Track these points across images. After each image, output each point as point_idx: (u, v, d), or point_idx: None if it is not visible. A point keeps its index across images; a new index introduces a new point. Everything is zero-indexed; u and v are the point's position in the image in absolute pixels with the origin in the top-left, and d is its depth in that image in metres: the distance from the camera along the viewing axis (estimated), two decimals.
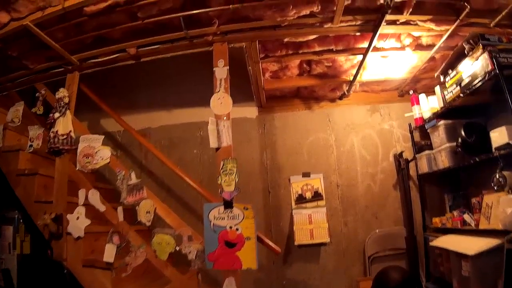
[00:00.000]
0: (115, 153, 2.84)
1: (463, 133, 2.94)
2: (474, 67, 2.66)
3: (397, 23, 2.70)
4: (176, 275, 2.56)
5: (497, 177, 2.54)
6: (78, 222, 2.67)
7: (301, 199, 3.68)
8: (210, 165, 3.85)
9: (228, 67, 2.60)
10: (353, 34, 2.87)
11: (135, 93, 4.20)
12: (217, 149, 2.44)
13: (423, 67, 3.37)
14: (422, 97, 3.57)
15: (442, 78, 3.13)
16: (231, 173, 2.34)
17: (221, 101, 2.51)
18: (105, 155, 2.78)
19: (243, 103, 3.98)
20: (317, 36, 2.88)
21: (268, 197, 3.84)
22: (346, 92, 3.80)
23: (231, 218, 2.29)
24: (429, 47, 3.07)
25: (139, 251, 2.56)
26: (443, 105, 3.17)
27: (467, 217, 2.92)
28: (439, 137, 3.29)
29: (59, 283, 2.58)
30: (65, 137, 2.83)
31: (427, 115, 3.48)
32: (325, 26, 2.65)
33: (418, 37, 3.04)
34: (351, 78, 3.48)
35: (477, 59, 2.61)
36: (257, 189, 3.85)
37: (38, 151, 3.02)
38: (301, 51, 3.08)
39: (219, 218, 2.30)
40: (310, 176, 3.76)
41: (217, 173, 2.40)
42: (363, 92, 4.07)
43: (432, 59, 3.25)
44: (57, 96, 2.93)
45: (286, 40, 2.90)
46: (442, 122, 3.22)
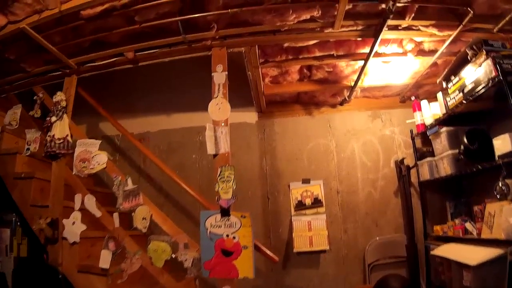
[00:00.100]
0: (111, 158, 2.81)
1: (465, 140, 2.90)
2: (477, 73, 2.62)
3: (399, 28, 2.67)
4: (171, 282, 2.53)
5: (500, 185, 2.50)
6: (74, 227, 2.64)
7: (300, 206, 3.63)
8: (209, 170, 3.81)
9: (226, 72, 2.57)
10: (354, 39, 2.84)
11: (134, 97, 4.17)
12: (215, 155, 2.40)
13: (425, 73, 3.33)
14: (424, 103, 3.53)
15: (444, 84, 3.10)
16: (229, 180, 2.30)
17: (219, 106, 2.48)
18: (101, 160, 2.74)
19: (242, 108, 3.95)
20: (318, 41, 2.86)
21: (267, 203, 3.80)
22: (347, 97, 3.76)
23: (228, 226, 2.26)
24: (431, 52, 3.04)
25: (134, 258, 2.54)
26: (445, 112, 3.14)
27: (469, 225, 2.89)
28: (441, 144, 3.25)
29: None
30: (61, 141, 2.80)
31: (429, 121, 3.44)
32: (326, 31, 2.62)
33: (420, 43, 3.00)
34: (352, 83, 3.44)
35: (480, 65, 2.58)
36: (256, 195, 3.82)
37: (35, 154, 2.99)
38: (301, 56, 3.05)
39: (216, 226, 2.27)
40: (310, 182, 3.71)
41: (215, 180, 2.36)
42: (364, 97, 4.03)
43: (434, 64, 3.22)
44: (54, 99, 2.90)
45: (286, 45, 2.87)
46: (444, 128, 3.19)
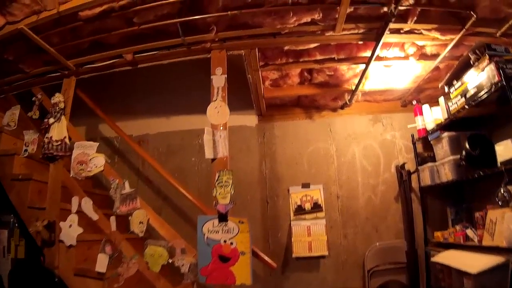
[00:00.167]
0: (109, 161, 2.78)
1: (467, 145, 2.87)
2: (480, 78, 2.59)
3: (401, 31, 2.64)
4: (168, 287, 2.48)
5: (502, 192, 2.48)
6: (70, 230, 2.61)
7: (300, 210, 3.61)
8: (208, 173, 3.78)
9: (226, 75, 2.54)
10: (355, 42, 2.82)
11: (134, 99, 4.15)
12: (213, 160, 2.37)
13: (427, 77, 3.30)
14: (425, 107, 3.50)
15: (446, 88, 3.06)
16: (227, 185, 2.27)
17: (218, 110, 2.45)
18: (99, 162, 2.72)
19: (242, 111, 3.93)
20: (319, 44, 2.83)
21: (266, 208, 3.77)
22: (348, 101, 3.74)
23: (226, 231, 2.22)
24: (434, 56, 3.02)
25: (131, 262, 2.50)
26: (447, 117, 3.11)
27: (470, 232, 2.86)
28: (443, 149, 3.22)
29: None
30: (59, 143, 2.77)
31: (430, 126, 3.42)
32: (327, 34, 2.59)
33: (422, 46, 2.97)
34: (353, 87, 3.42)
35: (483, 70, 2.54)
36: (255, 199, 3.79)
37: (33, 156, 2.97)
38: (302, 60, 3.02)
39: (213, 231, 2.23)
40: (309, 187, 3.69)
41: (213, 184, 2.33)
42: (365, 101, 4.01)
43: (436, 68, 3.19)
44: (52, 101, 2.87)
45: (286, 48, 2.85)
46: (446, 134, 3.16)
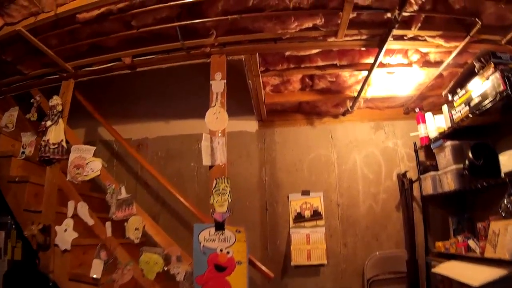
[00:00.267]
0: (106, 165, 2.75)
1: (470, 155, 2.81)
2: (484, 87, 2.53)
3: (405, 38, 2.61)
4: None
5: (505, 203, 2.44)
6: (65, 234, 2.60)
7: (299, 218, 3.58)
8: (207, 179, 3.64)
9: (225, 81, 2.51)
10: (358, 48, 2.78)
11: (134, 102, 4.11)
12: (211, 167, 2.33)
13: (430, 84, 3.26)
14: (428, 116, 3.45)
15: (450, 96, 3.01)
16: (224, 193, 2.23)
17: (216, 116, 2.41)
18: (95, 167, 2.70)
19: (243, 116, 3.90)
20: (320, 50, 2.79)
21: (265, 215, 3.73)
22: (349, 108, 3.70)
23: (222, 240, 2.19)
24: (437, 63, 2.98)
25: (126, 269, 2.49)
26: (450, 125, 3.06)
27: (472, 243, 2.81)
28: (445, 158, 3.17)
29: None
30: (56, 146, 2.75)
31: (433, 134, 3.37)
32: (329, 40, 2.56)
33: (426, 53, 2.94)
34: (355, 94, 3.38)
35: (488, 78, 2.49)
36: (255, 205, 3.75)
37: (30, 158, 2.95)
38: (303, 65, 2.99)
39: (209, 240, 2.19)
40: (309, 194, 3.65)
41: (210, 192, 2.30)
42: (367, 108, 3.97)
43: (439, 76, 3.15)
44: (50, 103, 2.86)
45: (287, 53, 2.82)
46: (449, 142, 3.11)
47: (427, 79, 3.21)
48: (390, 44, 2.53)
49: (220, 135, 2.39)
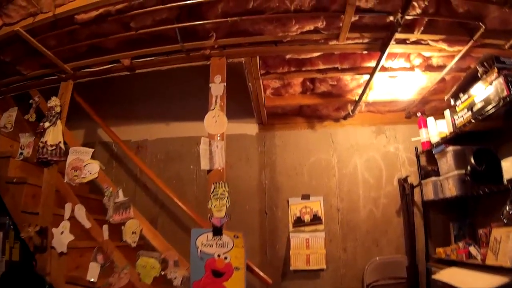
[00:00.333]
0: (103, 168, 2.72)
1: (472, 160, 2.78)
2: (487, 92, 2.51)
3: (407, 42, 2.57)
4: None
5: (508, 209, 2.41)
6: (62, 237, 2.57)
7: (299, 222, 3.55)
8: (206, 182, 3.65)
9: (225, 84, 2.48)
10: (360, 52, 2.75)
11: (134, 103, 4.08)
12: (209, 171, 2.30)
13: (432, 89, 3.23)
14: (430, 120, 3.42)
15: (452, 101, 2.99)
16: (222, 198, 2.20)
17: (215, 119, 2.38)
18: (93, 169, 2.67)
19: (243, 119, 3.87)
20: (322, 53, 2.77)
21: (265, 218, 3.70)
22: (351, 112, 3.66)
23: (220, 246, 2.15)
24: (440, 68, 2.95)
25: (123, 273, 2.46)
26: (452, 130, 3.03)
27: (473, 250, 2.79)
28: (447, 163, 3.14)
29: None
30: (54, 148, 2.73)
31: (435, 139, 3.33)
32: (330, 43, 2.53)
33: (428, 58, 2.91)
34: (357, 98, 3.35)
35: (491, 83, 2.46)
36: (254, 209, 3.72)
37: (28, 159, 2.92)
38: (304, 69, 2.96)
39: (207, 245, 2.16)
40: (309, 198, 3.63)
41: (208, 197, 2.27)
42: (368, 112, 3.93)
43: (442, 80, 3.11)
44: (48, 104, 2.84)
45: (288, 56, 2.79)
46: (450, 148, 3.08)
47: (429, 83, 3.18)
48: (392, 48, 2.50)
49: (219, 138, 2.36)
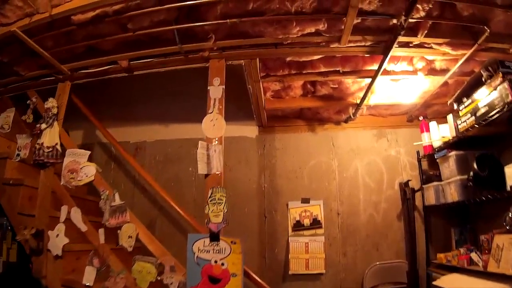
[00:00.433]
0: (100, 170, 2.68)
1: (475, 166, 2.74)
2: (491, 97, 2.47)
3: (410, 45, 2.53)
4: None
5: (510, 216, 2.39)
6: (57, 239, 2.54)
7: (298, 226, 3.52)
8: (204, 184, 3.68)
9: (223, 86, 2.43)
10: (362, 55, 2.71)
11: (133, 105, 4.04)
12: (206, 175, 2.26)
13: (435, 92, 3.18)
14: (433, 124, 3.39)
15: (455, 105, 2.95)
16: (220, 203, 2.15)
17: (213, 123, 2.33)
18: (89, 172, 2.64)
19: (243, 121, 3.83)
20: (323, 56, 2.73)
21: (264, 222, 3.67)
22: (352, 115, 3.62)
23: (217, 251, 2.11)
24: (443, 71, 2.90)
25: (118, 277, 2.42)
26: (455, 135, 2.99)
27: (474, 256, 2.74)
28: (449, 168, 3.10)
29: None
30: (50, 149, 2.69)
31: (437, 144, 3.30)
32: (332, 45, 2.49)
33: (431, 61, 2.87)
34: (358, 101, 3.31)
35: (495, 88, 2.42)
36: (253, 212, 3.68)
37: (25, 160, 2.89)
38: (305, 71, 2.92)
39: (204, 250, 2.12)
40: (309, 202, 3.60)
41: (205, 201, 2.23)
42: (370, 115, 3.90)
43: (445, 84, 3.07)
44: (45, 106, 2.80)
45: (288, 59, 2.75)
46: (453, 153, 3.05)
47: (432, 87, 3.13)
48: (395, 51, 2.46)
49: (217, 142, 2.31)
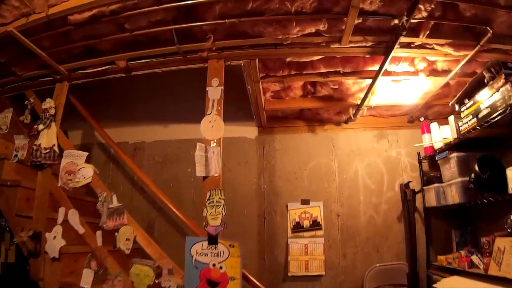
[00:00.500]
0: (98, 172, 2.65)
1: (477, 168, 2.71)
2: (494, 98, 2.43)
3: (412, 46, 2.50)
4: None
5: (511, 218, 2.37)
6: (54, 242, 2.51)
7: (298, 228, 3.51)
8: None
9: (222, 87, 2.40)
10: (362, 56, 2.68)
11: (132, 105, 4.01)
12: (204, 177, 2.22)
13: (436, 93, 3.15)
14: (434, 126, 3.37)
15: (457, 107, 2.92)
16: (218, 206, 2.12)
17: (212, 124, 2.30)
18: (87, 173, 2.60)
19: (242, 122, 3.81)
20: (323, 56, 2.70)
21: (263, 223, 3.65)
22: (352, 116, 3.58)
23: (215, 255, 2.08)
24: (444, 72, 2.87)
25: (116, 280, 2.39)
26: (456, 136, 2.96)
27: (475, 258, 2.70)
28: (450, 170, 3.08)
29: None
30: (47, 151, 2.66)
31: (438, 145, 3.28)
32: (332, 46, 2.45)
33: (433, 62, 2.84)
34: (359, 102, 3.28)
35: (498, 90, 2.38)
36: (252, 214, 3.66)
37: (23, 161, 2.86)
38: (305, 72, 2.89)
39: (202, 253, 2.09)
40: (309, 203, 3.58)
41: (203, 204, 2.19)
42: (370, 116, 3.87)
43: (446, 85, 3.05)
44: (43, 106, 2.77)
45: (288, 59, 2.72)
46: (454, 154, 3.02)
47: (433, 88, 3.10)
48: (396, 52, 2.43)
49: (215, 144, 2.28)
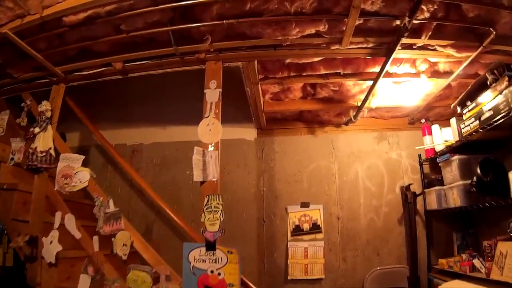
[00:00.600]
0: (94, 176, 2.62)
1: (479, 171, 2.67)
2: (496, 101, 2.39)
3: (414, 47, 2.45)
4: None
5: None
6: (51, 246, 2.47)
7: (298, 231, 3.48)
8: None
9: (220, 90, 2.35)
10: (363, 57, 2.64)
11: (129, 106, 3.99)
12: (202, 182, 2.18)
13: (438, 95, 3.12)
14: (435, 128, 3.33)
15: (459, 109, 2.89)
16: (216, 211, 2.08)
17: (210, 127, 2.25)
18: (84, 177, 2.57)
19: (241, 124, 3.76)
20: (323, 58, 2.66)
21: (262, 226, 3.61)
22: (352, 118, 3.55)
23: (213, 261, 2.04)
24: (446, 74, 2.84)
25: (113, 286, 2.38)
26: (458, 139, 2.93)
27: (477, 262, 2.69)
28: (452, 172, 3.04)
29: None
30: (44, 154, 2.63)
31: (439, 147, 3.24)
32: (332, 47, 2.41)
33: (435, 63, 2.80)
34: (359, 103, 3.24)
35: (501, 92, 2.35)
36: (251, 217, 3.62)
37: (20, 164, 2.82)
38: (304, 74, 2.85)
39: (200, 260, 2.05)
40: (309, 206, 3.55)
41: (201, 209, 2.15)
42: (371, 117, 3.84)
43: (448, 86, 3.01)
44: (39, 109, 2.74)
45: (288, 61, 2.68)
46: (456, 157, 2.99)
47: (435, 90, 3.07)
48: (398, 53, 2.39)
49: (213, 148, 2.23)
